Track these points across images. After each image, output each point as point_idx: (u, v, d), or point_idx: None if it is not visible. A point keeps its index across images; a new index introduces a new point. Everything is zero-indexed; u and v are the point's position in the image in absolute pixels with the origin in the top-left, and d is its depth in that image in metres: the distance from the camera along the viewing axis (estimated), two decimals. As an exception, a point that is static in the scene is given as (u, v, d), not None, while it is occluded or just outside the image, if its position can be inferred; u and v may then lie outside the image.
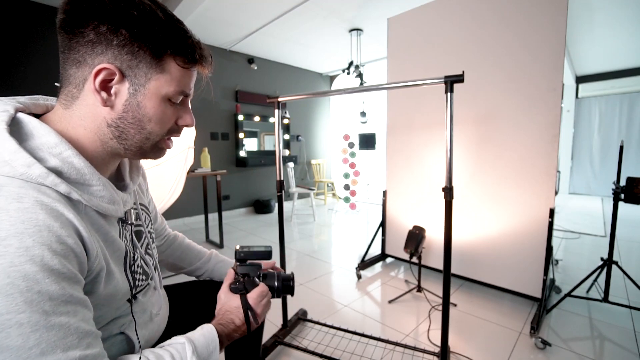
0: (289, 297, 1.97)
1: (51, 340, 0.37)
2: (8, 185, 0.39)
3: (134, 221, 0.62)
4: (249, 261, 0.70)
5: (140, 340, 0.61)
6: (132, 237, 0.61)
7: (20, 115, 0.45)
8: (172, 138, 0.59)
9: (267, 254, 0.70)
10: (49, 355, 0.36)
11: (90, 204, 0.48)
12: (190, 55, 0.51)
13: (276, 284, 0.70)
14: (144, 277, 0.63)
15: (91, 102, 0.47)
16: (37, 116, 0.49)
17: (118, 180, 0.62)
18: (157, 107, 0.51)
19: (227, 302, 0.65)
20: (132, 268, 0.59)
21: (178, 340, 0.54)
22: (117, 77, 0.46)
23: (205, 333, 0.57)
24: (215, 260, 0.90)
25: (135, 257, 0.61)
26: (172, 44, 0.49)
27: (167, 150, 0.59)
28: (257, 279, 0.69)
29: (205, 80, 0.59)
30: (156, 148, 0.56)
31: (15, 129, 0.44)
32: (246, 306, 0.63)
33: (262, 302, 0.66)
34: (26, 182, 0.40)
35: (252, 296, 0.65)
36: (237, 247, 0.70)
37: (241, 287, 0.66)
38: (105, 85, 0.47)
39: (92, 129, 0.49)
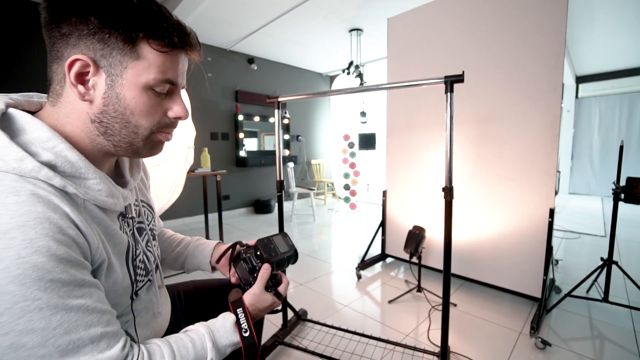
0: (288, 298, 1.97)
1: (72, 320, 0.39)
2: (3, 180, 0.38)
3: (135, 216, 0.61)
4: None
5: (143, 338, 0.60)
6: (133, 233, 0.60)
7: (12, 110, 0.45)
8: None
9: (294, 257, 0.74)
10: (73, 334, 0.38)
11: (87, 198, 0.47)
12: (167, 39, 0.47)
13: (287, 262, 0.76)
14: (144, 273, 0.63)
15: (73, 98, 0.46)
16: (31, 114, 0.49)
17: (118, 177, 0.61)
18: (139, 98, 0.48)
19: (262, 299, 0.66)
20: (135, 262, 0.58)
21: (198, 328, 0.57)
22: (92, 69, 0.45)
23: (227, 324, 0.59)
24: (194, 245, 0.84)
25: (138, 251, 0.60)
26: (145, 26, 0.45)
27: (165, 146, 0.57)
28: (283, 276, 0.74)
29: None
30: (150, 143, 0.53)
31: (7, 124, 0.43)
32: (286, 301, 0.71)
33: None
34: (20, 177, 0.40)
35: (282, 289, 0.70)
36: (261, 248, 0.69)
37: (272, 285, 0.70)
38: (82, 79, 0.45)
39: (78, 126, 0.48)
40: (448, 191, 1.13)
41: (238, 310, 0.61)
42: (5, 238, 0.35)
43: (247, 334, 0.58)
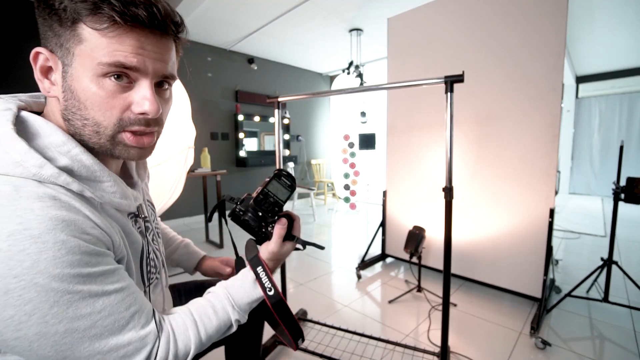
0: (288, 297, 1.97)
1: (114, 303, 0.43)
2: (25, 186, 0.39)
3: (147, 215, 0.62)
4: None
5: None
6: (142, 231, 0.61)
7: (24, 113, 0.45)
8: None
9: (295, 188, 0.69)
10: (116, 314, 0.43)
11: (103, 201, 0.48)
12: (105, 14, 0.40)
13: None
14: (154, 270, 0.63)
15: (43, 92, 0.46)
16: (39, 114, 0.49)
17: (126, 178, 0.62)
18: (88, 89, 0.42)
19: (282, 252, 0.63)
20: (147, 261, 0.59)
21: (217, 291, 0.58)
22: (52, 62, 0.43)
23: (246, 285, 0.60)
24: (182, 252, 0.88)
25: (149, 250, 0.61)
26: (77, 2, 0.40)
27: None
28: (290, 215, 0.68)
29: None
30: (119, 145, 0.47)
31: (21, 128, 0.43)
32: (304, 241, 0.65)
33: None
34: (40, 183, 0.41)
35: (297, 231, 0.66)
36: (262, 210, 0.62)
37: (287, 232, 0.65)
38: (48, 74, 0.45)
39: (62, 124, 0.47)
40: (448, 191, 1.13)
41: (258, 269, 0.59)
42: (39, 242, 0.37)
43: (271, 292, 0.58)
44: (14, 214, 0.37)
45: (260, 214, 0.63)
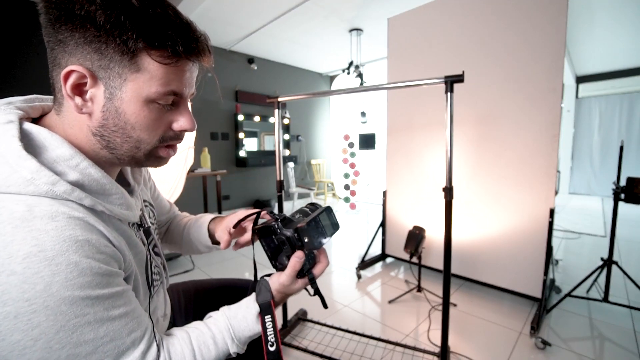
0: (289, 298, 1.97)
1: (117, 328, 0.43)
2: (39, 205, 0.39)
3: (149, 225, 0.61)
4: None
5: None
6: (147, 241, 0.60)
7: (27, 125, 0.43)
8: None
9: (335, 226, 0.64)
10: (117, 341, 0.42)
11: (112, 214, 0.47)
12: (171, 48, 0.42)
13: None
14: (158, 277, 0.63)
15: (73, 108, 0.44)
16: (34, 120, 0.47)
17: (123, 185, 0.60)
18: (139, 113, 0.45)
19: (292, 287, 0.62)
20: (151, 269, 0.59)
21: (218, 319, 0.57)
22: (89, 80, 0.42)
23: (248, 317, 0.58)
24: (188, 228, 0.79)
25: (152, 258, 0.60)
26: (145, 34, 0.41)
27: (170, 158, 0.54)
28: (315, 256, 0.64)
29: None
30: (152, 157, 0.50)
31: (26, 141, 0.42)
32: (318, 289, 0.64)
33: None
34: (53, 200, 0.40)
35: (318, 271, 0.65)
36: (311, 233, 0.57)
37: (309, 268, 0.62)
38: (80, 90, 0.42)
39: (82, 138, 0.46)
40: (448, 191, 1.13)
41: (267, 317, 0.57)
42: (52, 264, 0.37)
43: (273, 348, 0.55)
44: (29, 235, 0.36)
45: (306, 239, 0.57)
